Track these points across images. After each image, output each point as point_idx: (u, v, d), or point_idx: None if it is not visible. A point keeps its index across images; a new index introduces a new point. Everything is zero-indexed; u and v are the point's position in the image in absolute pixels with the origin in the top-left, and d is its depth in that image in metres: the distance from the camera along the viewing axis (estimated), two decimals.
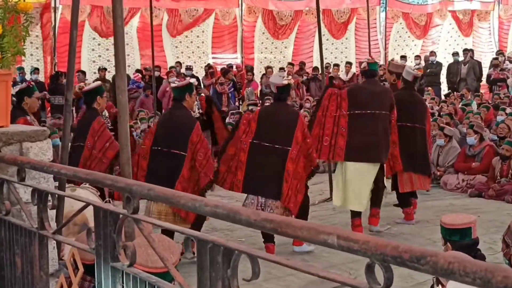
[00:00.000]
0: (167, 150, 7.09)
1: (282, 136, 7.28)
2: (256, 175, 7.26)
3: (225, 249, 1.95)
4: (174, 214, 7.00)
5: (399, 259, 1.53)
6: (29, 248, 3.07)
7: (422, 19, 23.58)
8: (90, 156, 7.26)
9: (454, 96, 17.63)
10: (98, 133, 7.30)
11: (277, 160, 7.23)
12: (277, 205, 7.23)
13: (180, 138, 7.06)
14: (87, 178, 2.82)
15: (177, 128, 7.13)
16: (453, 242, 4.84)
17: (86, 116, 7.61)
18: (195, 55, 21.09)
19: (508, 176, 10.12)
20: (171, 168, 7.04)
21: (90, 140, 7.27)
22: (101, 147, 7.28)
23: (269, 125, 7.34)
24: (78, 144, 7.30)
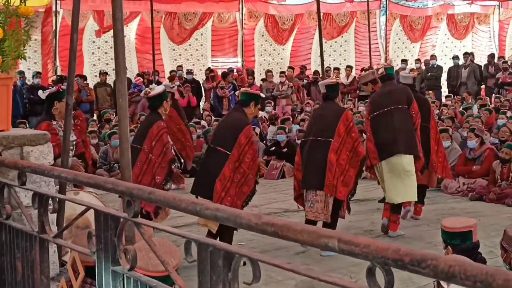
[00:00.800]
0: (213, 146, 7.32)
1: (325, 130, 7.60)
2: (305, 171, 7.61)
3: (225, 252, 1.95)
4: None
5: (400, 262, 1.53)
6: (29, 252, 3.07)
7: (419, 22, 23.60)
8: (146, 160, 7.28)
9: (455, 99, 17.63)
10: (156, 138, 7.32)
11: (320, 152, 7.54)
12: (317, 199, 7.48)
13: (228, 137, 7.21)
14: (88, 181, 2.82)
15: (228, 127, 7.34)
16: (453, 246, 4.84)
17: (148, 119, 7.72)
18: (194, 57, 21.10)
19: (508, 179, 10.11)
20: (214, 165, 7.18)
21: (147, 143, 7.30)
22: (159, 153, 7.31)
23: (316, 121, 7.80)
24: (135, 146, 7.25)
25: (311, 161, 7.58)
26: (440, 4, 23.66)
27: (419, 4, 23.85)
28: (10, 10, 3.82)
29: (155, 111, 7.58)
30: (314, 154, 7.56)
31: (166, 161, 7.33)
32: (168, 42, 20.67)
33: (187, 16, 20.61)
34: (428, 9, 24.09)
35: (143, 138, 7.35)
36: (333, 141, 7.51)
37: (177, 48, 20.90)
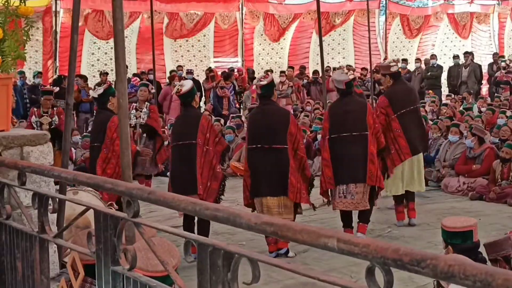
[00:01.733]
0: (269, 146, 7.37)
1: (356, 124, 7.83)
2: (341, 167, 7.75)
3: (225, 252, 1.94)
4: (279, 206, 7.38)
5: (399, 262, 1.53)
6: (30, 252, 3.07)
7: (419, 22, 23.59)
8: (203, 153, 7.43)
9: (455, 99, 17.63)
10: (208, 129, 7.50)
11: (359, 146, 7.79)
12: (357, 191, 7.75)
13: (279, 132, 7.36)
14: (88, 181, 2.81)
15: (276, 123, 7.41)
16: (454, 245, 4.83)
17: (190, 115, 7.68)
18: (196, 58, 21.10)
19: (508, 178, 10.11)
20: (278, 163, 7.33)
21: (200, 137, 7.43)
22: (213, 143, 7.52)
23: (340, 117, 7.89)
24: (187, 143, 7.43)
25: (349, 155, 7.75)
26: (440, 3, 23.65)
27: (419, 4, 23.84)
28: (10, 10, 3.82)
29: (189, 106, 7.66)
30: (352, 148, 7.77)
31: (218, 150, 7.57)
32: (170, 43, 20.66)
33: (189, 16, 20.60)
34: (428, 8, 24.08)
35: (194, 133, 7.42)
36: (368, 134, 7.84)
37: (180, 49, 20.90)
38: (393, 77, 8.75)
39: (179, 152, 7.49)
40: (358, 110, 7.91)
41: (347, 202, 7.78)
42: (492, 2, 24.19)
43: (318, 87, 18.26)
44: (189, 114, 7.67)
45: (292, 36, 22.15)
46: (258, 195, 7.44)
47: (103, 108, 7.92)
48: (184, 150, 7.44)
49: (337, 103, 8.22)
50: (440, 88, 20.24)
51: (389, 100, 8.64)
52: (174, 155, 7.59)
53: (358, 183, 7.74)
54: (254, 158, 7.51)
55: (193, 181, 7.32)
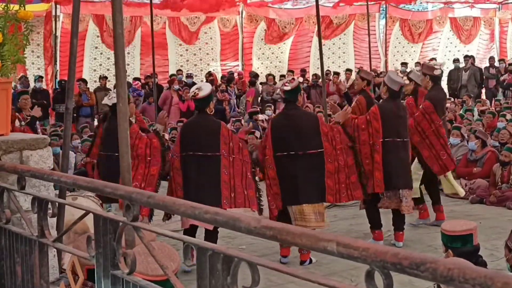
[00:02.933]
0: (303, 153, 7.17)
1: (404, 130, 7.89)
2: (394, 170, 7.70)
3: (224, 256, 1.94)
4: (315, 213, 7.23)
5: (399, 265, 1.52)
6: (29, 257, 3.06)
7: (420, 26, 23.61)
8: (230, 163, 7.09)
9: (455, 102, 17.65)
10: (230, 138, 7.16)
11: (406, 152, 7.90)
12: (406, 194, 7.79)
13: (311, 137, 7.19)
14: (88, 186, 2.81)
15: (306, 128, 7.21)
16: (454, 249, 4.82)
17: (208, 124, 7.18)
18: (203, 62, 21.12)
19: (509, 182, 10.11)
20: (314, 169, 7.18)
21: (224, 148, 7.07)
22: (237, 150, 7.18)
23: (394, 121, 7.80)
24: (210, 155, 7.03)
25: (400, 162, 7.78)
26: (440, 7, 23.66)
27: (418, 7, 23.85)
28: (10, 14, 3.83)
29: (204, 112, 7.19)
30: (401, 155, 7.80)
31: (247, 154, 7.24)
32: (175, 47, 20.68)
33: (191, 21, 20.65)
34: (427, 12, 24.09)
35: (215, 144, 7.04)
36: (409, 140, 7.97)
37: (185, 53, 20.92)
38: (433, 79, 8.59)
39: (196, 163, 7.03)
40: (405, 116, 7.94)
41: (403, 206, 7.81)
42: (493, 6, 24.20)
43: (318, 91, 18.26)
44: (206, 123, 7.15)
45: (292, 40, 22.18)
46: (293, 203, 7.16)
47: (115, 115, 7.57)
48: (204, 161, 7.04)
49: (388, 105, 7.88)
50: None
51: (434, 106, 8.46)
52: (188, 165, 7.08)
53: (407, 188, 7.80)
54: (285, 165, 7.17)
55: (215, 194, 6.96)
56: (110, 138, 7.52)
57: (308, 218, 7.13)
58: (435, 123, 8.42)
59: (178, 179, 7.12)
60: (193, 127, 7.25)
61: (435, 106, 8.43)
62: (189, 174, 7.07)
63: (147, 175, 7.16)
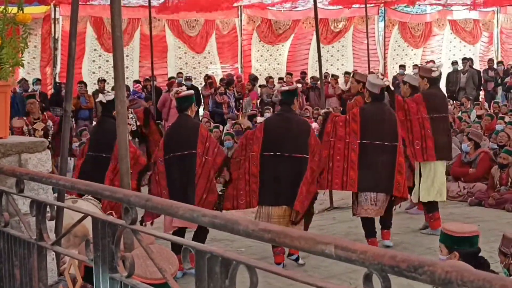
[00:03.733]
0: (289, 155, 7.22)
1: (389, 134, 7.75)
2: (369, 173, 7.65)
3: (223, 259, 1.94)
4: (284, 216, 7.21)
5: (397, 268, 1.52)
6: (28, 260, 3.06)
7: (419, 29, 23.62)
8: (201, 163, 7.12)
9: (454, 104, 17.66)
10: (207, 139, 7.22)
11: (388, 156, 7.71)
12: (384, 199, 7.72)
13: (300, 141, 7.24)
14: (86, 189, 2.81)
15: (297, 132, 7.27)
16: (461, 251, 4.77)
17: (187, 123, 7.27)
18: (202, 65, 21.12)
19: (507, 184, 10.12)
20: (295, 172, 7.18)
21: (200, 147, 7.12)
22: (212, 153, 7.20)
23: (375, 124, 7.76)
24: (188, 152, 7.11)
25: (379, 165, 7.66)
26: (438, 10, 23.68)
27: (417, 10, 23.87)
28: (8, 17, 3.83)
29: (185, 113, 7.28)
30: (382, 158, 7.70)
31: (217, 163, 7.23)
32: (174, 50, 20.68)
33: (190, 24, 20.64)
34: (426, 15, 24.11)
35: (193, 142, 7.10)
36: (398, 144, 7.79)
37: (184, 56, 20.92)
38: (431, 82, 8.60)
39: (177, 163, 7.10)
40: (390, 120, 7.81)
41: (373, 210, 7.74)
42: (491, 9, 24.22)
43: (317, 93, 18.28)
44: (186, 123, 7.26)
45: (291, 43, 22.19)
46: (272, 203, 7.23)
47: (109, 115, 7.35)
48: (183, 160, 7.10)
49: (370, 108, 7.89)
50: None
51: (424, 99, 8.50)
52: (171, 166, 7.14)
53: (385, 193, 7.72)
54: (270, 165, 7.26)
55: (193, 193, 7.04)
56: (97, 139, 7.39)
57: (272, 221, 7.05)
58: (422, 115, 8.45)
59: (163, 182, 7.15)
60: (174, 129, 7.40)
61: (426, 100, 8.46)
62: (172, 175, 7.11)
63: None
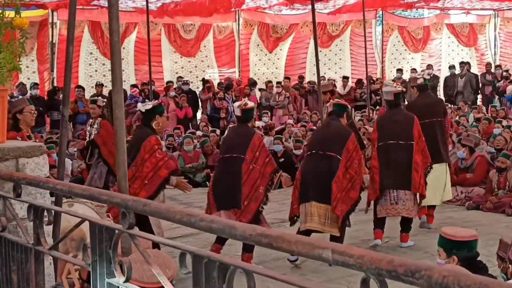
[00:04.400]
0: (323, 152, 7.64)
1: (404, 133, 8.19)
2: (388, 172, 8.09)
3: (220, 264, 1.94)
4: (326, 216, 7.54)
5: (394, 273, 1.52)
6: (25, 264, 3.06)
7: (419, 33, 23.65)
8: (248, 170, 7.40)
9: (452, 108, 17.69)
10: (258, 148, 7.53)
11: (405, 154, 8.13)
12: (407, 198, 8.08)
13: (336, 142, 7.68)
14: (83, 193, 2.81)
15: (335, 135, 7.76)
16: (459, 255, 4.76)
17: (243, 131, 7.69)
18: (199, 69, 21.11)
19: (505, 188, 10.12)
20: (327, 168, 7.58)
21: (249, 154, 7.44)
22: (262, 163, 7.50)
23: (389, 125, 8.29)
24: (237, 156, 7.45)
25: (395, 163, 8.10)
26: (436, 13, 23.72)
27: (415, 14, 23.90)
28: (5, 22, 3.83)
29: (245, 123, 7.71)
30: (397, 156, 8.11)
31: (267, 171, 7.55)
32: (170, 54, 20.68)
33: (186, 28, 20.65)
34: (424, 19, 24.14)
35: (243, 148, 7.44)
36: (414, 144, 8.17)
37: (180, 60, 20.92)
38: (419, 89, 9.07)
39: (224, 165, 7.53)
40: (406, 122, 8.25)
41: (398, 208, 8.08)
42: (488, 12, 24.26)
43: (315, 97, 18.28)
44: (242, 130, 7.70)
45: (289, 47, 22.20)
46: (303, 200, 7.61)
47: (146, 125, 7.36)
48: (229, 163, 7.47)
49: (386, 114, 8.65)
50: None
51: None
52: (219, 167, 7.65)
53: (404, 189, 8.07)
54: (307, 164, 7.77)
55: (238, 195, 7.34)
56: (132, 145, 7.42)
57: (315, 219, 7.47)
58: None
59: (210, 183, 7.69)
60: (230, 134, 8.36)
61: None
62: (219, 175, 7.58)
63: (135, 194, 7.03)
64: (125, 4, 18.11)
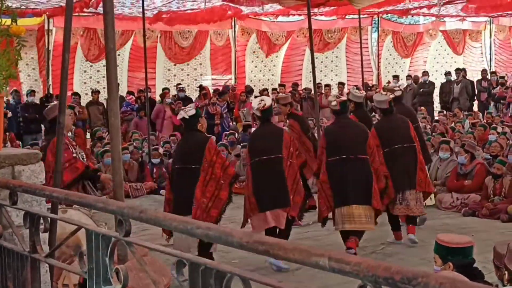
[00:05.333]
0: (354, 156, 7.87)
1: (406, 136, 8.56)
2: (396, 175, 8.38)
3: (217, 271, 1.94)
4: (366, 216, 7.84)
5: (391, 280, 1.53)
6: (21, 272, 3.05)
7: (411, 39, 23.73)
8: (287, 166, 7.72)
9: (447, 115, 17.72)
10: (291, 143, 7.86)
11: (410, 155, 8.53)
12: (411, 197, 8.46)
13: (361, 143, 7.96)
14: (80, 201, 2.81)
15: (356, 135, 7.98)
16: (455, 262, 4.76)
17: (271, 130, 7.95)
18: (191, 77, 21.12)
19: (501, 194, 10.13)
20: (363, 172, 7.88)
21: (285, 151, 7.73)
22: (295, 157, 7.92)
23: (389, 133, 8.56)
24: (275, 156, 7.70)
25: (403, 165, 8.41)
26: (431, 20, 23.78)
27: (410, 21, 23.97)
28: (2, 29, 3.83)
29: (269, 121, 8.00)
30: (405, 158, 8.44)
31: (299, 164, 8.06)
32: (164, 62, 20.68)
33: (183, 35, 20.67)
34: (419, 25, 24.21)
35: (278, 147, 7.66)
36: (416, 145, 8.59)
37: (173, 67, 20.94)
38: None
39: (265, 166, 7.65)
40: (405, 126, 8.62)
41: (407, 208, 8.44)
42: (483, 19, 24.34)
43: (310, 103, 18.30)
44: (270, 130, 7.92)
45: (284, 54, 22.23)
46: (344, 204, 7.76)
47: (193, 129, 7.47)
48: (271, 164, 7.64)
49: (385, 120, 8.82)
50: (432, 104, 20.35)
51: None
52: (258, 169, 7.70)
53: (412, 189, 8.41)
54: (338, 168, 7.83)
55: (285, 194, 7.57)
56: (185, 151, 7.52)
57: (356, 219, 7.77)
58: None
59: (249, 186, 7.72)
60: (258, 135, 8.13)
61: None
62: (257, 178, 7.67)
63: (216, 196, 7.27)
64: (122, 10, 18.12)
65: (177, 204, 7.24)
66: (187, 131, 7.64)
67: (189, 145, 7.48)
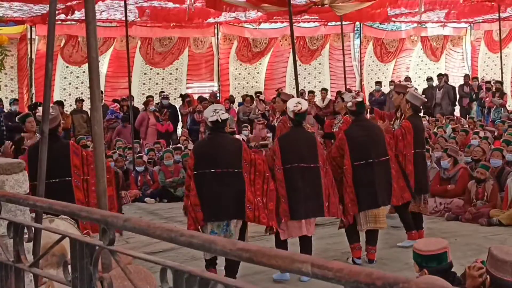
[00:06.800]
0: (378, 160, 7.98)
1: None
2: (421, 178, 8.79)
3: (201, 279, 1.95)
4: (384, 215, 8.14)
5: (372, 286, 1.55)
6: (5, 282, 3.04)
7: (393, 45, 23.88)
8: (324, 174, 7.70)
9: (429, 121, 17.83)
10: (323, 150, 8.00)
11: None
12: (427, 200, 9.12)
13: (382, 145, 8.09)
14: (63, 210, 2.81)
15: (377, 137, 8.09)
16: (430, 268, 4.80)
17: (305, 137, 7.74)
18: (165, 82, 21.09)
19: (483, 199, 10.20)
20: (385, 174, 8.07)
21: (321, 159, 7.69)
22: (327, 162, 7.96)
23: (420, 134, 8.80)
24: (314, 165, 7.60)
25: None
26: (413, 26, 23.96)
27: (392, 27, 24.13)
28: None
29: (300, 126, 7.75)
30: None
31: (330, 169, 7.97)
32: (140, 66, 20.62)
33: (162, 42, 20.65)
34: (401, 32, 24.38)
35: (314, 155, 7.57)
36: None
37: (149, 71, 20.90)
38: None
39: (300, 174, 7.47)
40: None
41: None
42: (464, 25, 24.56)
43: None
44: (303, 135, 7.71)
45: (268, 61, 22.29)
46: (371, 206, 7.89)
47: (223, 132, 7.25)
48: (307, 173, 7.50)
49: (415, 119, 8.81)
50: None
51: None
52: (293, 176, 7.46)
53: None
54: (362, 172, 7.84)
55: (320, 203, 7.51)
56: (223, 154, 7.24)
57: (380, 219, 7.99)
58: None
59: (282, 191, 7.43)
60: (291, 140, 7.66)
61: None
62: (293, 185, 7.46)
63: (267, 190, 7.25)
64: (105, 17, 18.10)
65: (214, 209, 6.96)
66: (216, 133, 7.23)
67: (227, 148, 7.19)
